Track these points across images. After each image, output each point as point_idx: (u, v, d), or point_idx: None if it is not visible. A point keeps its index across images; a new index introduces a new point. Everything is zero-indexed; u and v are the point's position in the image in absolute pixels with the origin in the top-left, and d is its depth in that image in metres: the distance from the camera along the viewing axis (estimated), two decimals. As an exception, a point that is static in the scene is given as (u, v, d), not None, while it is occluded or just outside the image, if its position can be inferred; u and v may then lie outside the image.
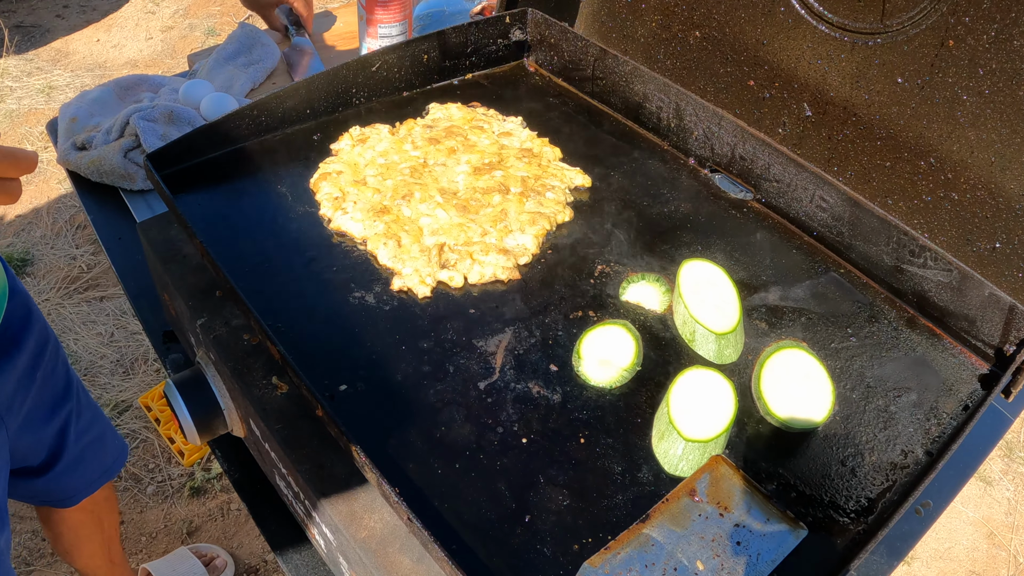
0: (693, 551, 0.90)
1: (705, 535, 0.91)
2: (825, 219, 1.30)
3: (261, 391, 1.07)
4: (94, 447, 1.52)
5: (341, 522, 0.95)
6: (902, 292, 1.23)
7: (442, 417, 1.02)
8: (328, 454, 1.01)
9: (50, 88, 4.04)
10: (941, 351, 1.18)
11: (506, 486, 0.96)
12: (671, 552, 0.89)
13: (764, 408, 1.05)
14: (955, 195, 1.23)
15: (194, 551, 2.25)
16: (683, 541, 0.90)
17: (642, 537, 0.90)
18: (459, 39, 1.59)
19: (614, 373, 1.08)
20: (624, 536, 0.91)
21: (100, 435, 1.54)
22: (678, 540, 0.90)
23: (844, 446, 1.04)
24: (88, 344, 2.83)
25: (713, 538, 0.91)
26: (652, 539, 0.90)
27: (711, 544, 0.90)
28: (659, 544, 0.90)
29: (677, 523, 0.92)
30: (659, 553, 0.89)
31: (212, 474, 2.49)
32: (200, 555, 2.24)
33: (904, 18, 1.20)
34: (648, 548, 0.89)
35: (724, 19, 1.44)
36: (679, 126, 1.47)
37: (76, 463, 1.48)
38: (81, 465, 1.50)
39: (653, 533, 0.91)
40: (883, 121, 1.27)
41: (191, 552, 2.23)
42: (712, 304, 1.14)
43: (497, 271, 1.21)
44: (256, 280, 1.18)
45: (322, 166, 1.36)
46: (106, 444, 1.57)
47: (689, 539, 0.91)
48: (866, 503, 0.98)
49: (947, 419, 1.08)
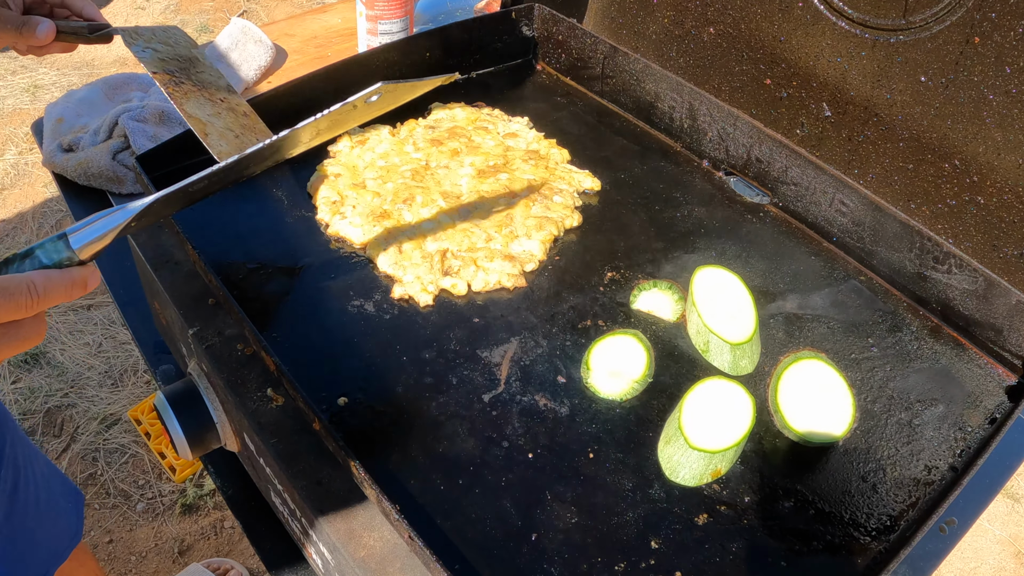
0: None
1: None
2: (845, 224, 1.30)
3: (256, 404, 1.08)
4: (46, 520, 1.37)
5: (339, 540, 0.96)
6: (926, 300, 1.24)
7: (445, 431, 1.03)
8: (326, 470, 1.01)
9: (35, 87, 4.06)
10: (966, 362, 1.18)
11: (511, 503, 0.96)
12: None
13: (781, 422, 1.06)
14: (981, 199, 1.23)
15: (206, 565, 2.26)
16: None
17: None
18: (463, 36, 1.61)
19: (624, 385, 1.09)
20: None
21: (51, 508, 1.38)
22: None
23: (865, 461, 1.04)
24: (75, 355, 2.84)
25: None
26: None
27: None
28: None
29: None
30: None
31: (205, 490, 2.50)
32: (213, 569, 2.25)
33: (928, 14, 1.20)
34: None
35: (739, 15, 1.44)
36: (692, 127, 1.47)
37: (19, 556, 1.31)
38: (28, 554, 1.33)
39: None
40: (906, 121, 1.28)
41: (204, 567, 2.24)
42: (727, 313, 1.14)
43: (502, 278, 1.22)
44: (250, 288, 1.19)
45: (319, 169, 1.37)
46: (58, 517, 1.41)
47: None
48: (888, 521, 0.98)
49: (973, 433, 1.08)
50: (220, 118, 1.24)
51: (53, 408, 2.64)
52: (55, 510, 1.41)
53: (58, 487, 1.44)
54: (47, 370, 2.74)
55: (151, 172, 1.26)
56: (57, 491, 1.43)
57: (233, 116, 1.27)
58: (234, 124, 1.26)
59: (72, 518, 1.48)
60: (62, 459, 2.50)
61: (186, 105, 1.22)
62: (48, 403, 2.65)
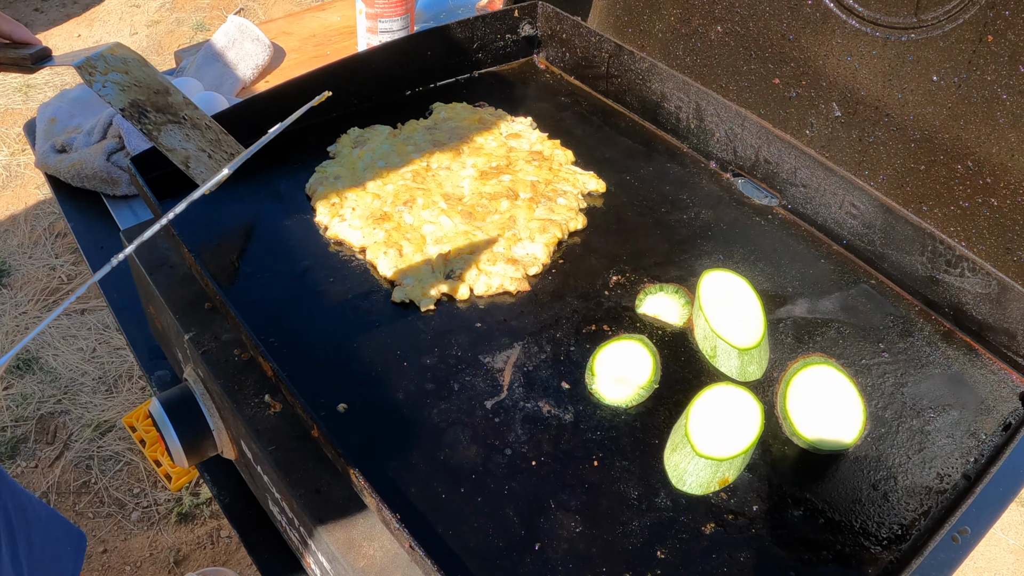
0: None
1: None
2: (855, 227, 1.30)
3: (253, 410, 1.08)
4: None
5: (339, 550, 0.96)
6: (938, 304, 1.24)
7: (446, 438, 1.03)
8: (325, 478, 1.02)
9: (27, 87, 4.07)
10: (979, 367, 1.18)
11: (514, 512, 0.96)
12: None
13: (790, 428, 1.06)
14: (994, 201, 1.23)
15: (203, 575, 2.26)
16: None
17: None
18: (465, 34, 1.61)
19: (630, 391, 1.09)
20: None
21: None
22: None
23: (876, 469, 1.04)
24: (68, 360, 2.84)
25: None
26: None
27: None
28: None
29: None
30: None
31: (201, 499, 2.50)
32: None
33: (940, 12, 1.20)
34: None
35: (748, 13, 1.45)
36: (699, 127, 1.48)
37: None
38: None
39: None
40: (917, 122, 1.28)
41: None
42: (735, 317, 1.15)
43: (505, 282, 1.22)
44: (248, 291, 1.19)
45: (318, 170, 1.38)
46: (54, 561, 1.40)
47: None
48: (899, 530, 0.98)
49: (986, 440, 1.08)
50: (191, 141, 1.23)
51: (46, 415, 2.64)
52: (52, 555, 1.42)
53: (59, 532, 1.44)
54: (40, 376, 2.75)
55: (146, 173, 1.26)
56: (57, 536, 1.44)
57: (200, 134, 1.26)
58: (204, 143, 1.25)
59: (70, 563, 1.49)
60: (55, 467, 2.51)
61: (161, 138, 1.20)
62: (41, 410, 2.65)
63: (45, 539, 1.38)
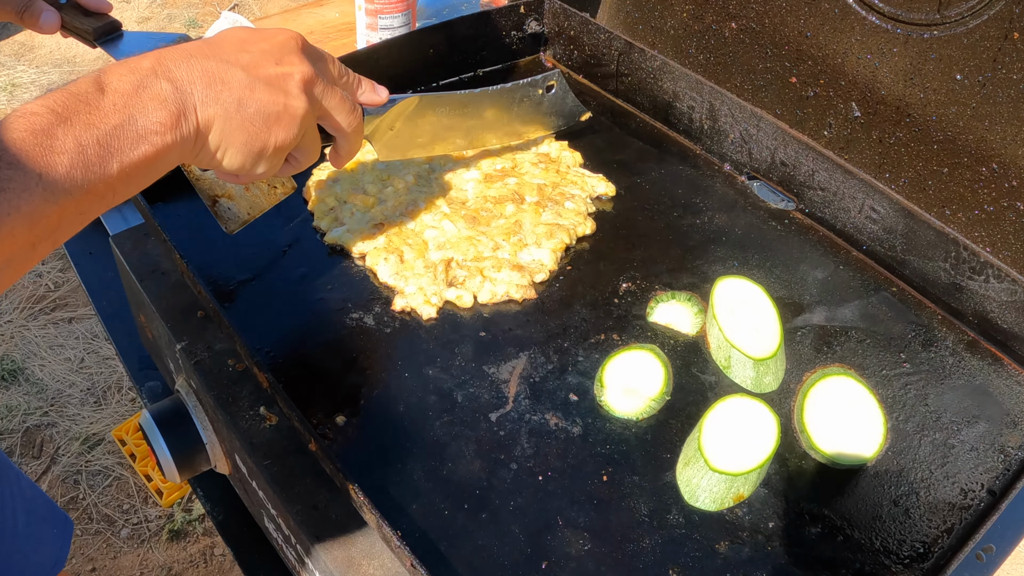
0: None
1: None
2: (876, 232, 1.31)
3: (248, 423, 1.08)
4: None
5: (337, 569, 0.96)
6: (961, 313, 1.24)
7: (449, 452, 1.04)
8: (323, 493, 1.02)
9: (12, 86, 4.09)
10: (1005, 378, 1.18)
11: (520, 529, 0.97)
12: None
13: (808, 442, 1.06)
14: (1020, 205, 1.23)
15: None
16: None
17: None
18: (468, 31, 1.62)
19: (641, 403, 1.09)
20: None
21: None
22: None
23: (897, 484, 1.04)
24: (55, 371, 2.85)
25: None
26: None
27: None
28: None
29: None
30: None
31: (193, 515, 2.50)
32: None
33: (964, 8, 1.21)
34: None
35: (763, 9, 1.45)
36: (713, 128, 1.48)
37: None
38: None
39: None
40: (940, 122, 1.28)
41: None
42: (750, 326, 1.15)
43: (510, 289, 1.23)
44: (242, 299, 1.20)
45: (315, 172, 1.38)
46: (39, 543, 1.42)
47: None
48: (921, 548, 0.98)
49: (1012, 454, 1.08)
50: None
51: (32, 427, 2.65)
52: (36, 536, 1.43)
53: (43, 512, 1.45)
54: (25, 387, 2.75)
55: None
56: (41, 516, 1.44)
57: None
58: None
59: (56, 546, 1.49)
60: (41, 482, 2.51)
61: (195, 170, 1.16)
62: (27, 422, 2.66)
63: (29, 517, 1.39)
